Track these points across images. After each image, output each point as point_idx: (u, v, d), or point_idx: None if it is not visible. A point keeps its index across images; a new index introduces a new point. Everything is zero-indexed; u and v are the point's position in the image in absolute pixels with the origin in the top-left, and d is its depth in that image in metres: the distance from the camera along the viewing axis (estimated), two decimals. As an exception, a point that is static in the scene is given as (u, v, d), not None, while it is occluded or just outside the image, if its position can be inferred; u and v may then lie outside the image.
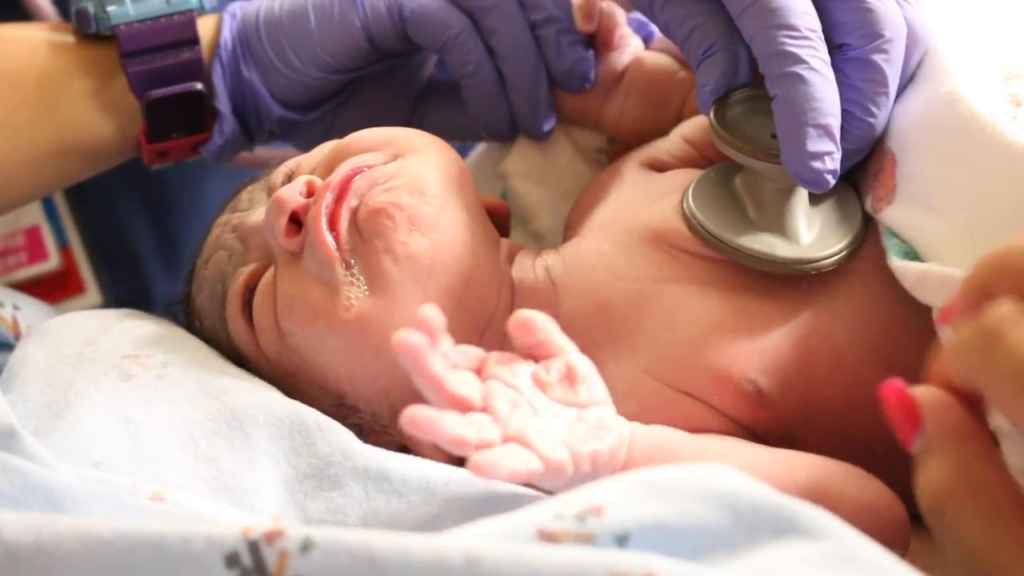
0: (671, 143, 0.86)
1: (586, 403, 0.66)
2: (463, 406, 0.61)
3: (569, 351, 0.67)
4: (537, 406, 0.64)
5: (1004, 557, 0.47)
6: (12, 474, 0.59)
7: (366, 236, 0.75)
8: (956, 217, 0.70)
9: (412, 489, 0.67)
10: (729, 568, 0.51)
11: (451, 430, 0.60)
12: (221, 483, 0.66)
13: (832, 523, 0.52)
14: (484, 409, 0.62)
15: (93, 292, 1.17)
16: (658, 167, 0.85)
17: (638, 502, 0.53)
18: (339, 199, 0.76)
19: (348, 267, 0.75)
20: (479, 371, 0.64)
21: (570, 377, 0.66)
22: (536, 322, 0.65)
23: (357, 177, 0.77)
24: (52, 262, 1.15)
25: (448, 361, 0.63)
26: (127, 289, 1.17)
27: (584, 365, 0.67)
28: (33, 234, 1.13)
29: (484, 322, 0.77)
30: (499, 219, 0.86)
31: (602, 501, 0.53)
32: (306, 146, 0.93)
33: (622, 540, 0.52)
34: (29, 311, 0.88)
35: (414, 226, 0.75)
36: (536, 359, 0.66)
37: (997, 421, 0.54)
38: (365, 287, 0.74)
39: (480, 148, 0.97)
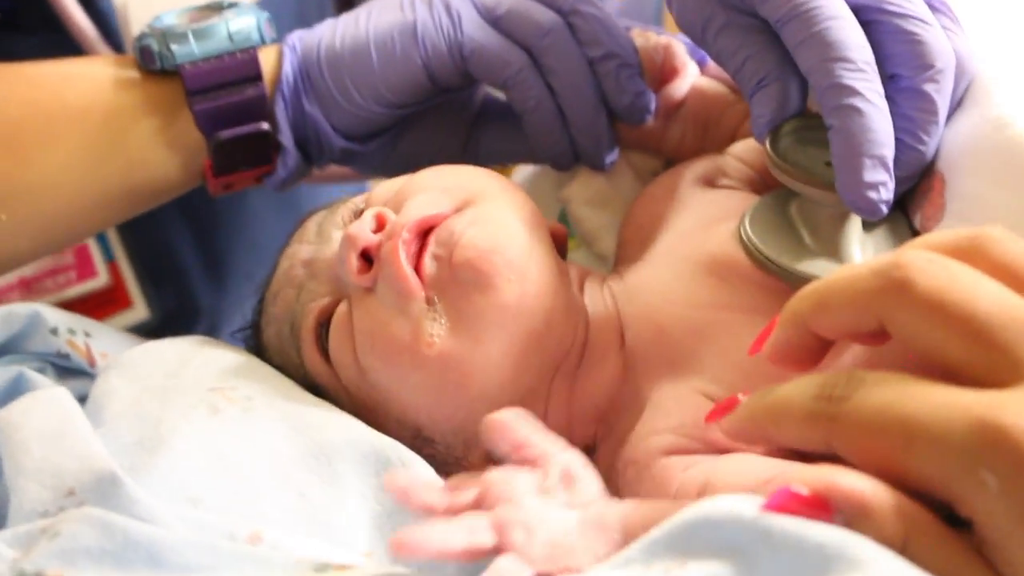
0: (728, 163, 0.88)
1: (587, 502, 0.62)
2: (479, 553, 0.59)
3: (556, 452, 0.64)
4: (548, 520, 0.60)
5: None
6: (113, 531, 0.61)
7: (460, 280, 0.75)
8: None
9: None
10: None
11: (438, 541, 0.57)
12: (315, 518, 0.67)
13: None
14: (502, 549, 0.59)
15: (140, 307, 1.19)
16: (714, 184, 0.87)
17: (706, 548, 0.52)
18: (423, 243, 0.77)
19: (430, 303, 0.76)
20: (482, 499, 0.61)
21: (566, 479, 0.63)
22: (509, 424, 0.63)
23: (442, 225, 0.77)
24: (101, 279, 1.17)
25: (451, 507, 0.60)
26: (173, 303, 1.20)
27: (574, 462, 0.64)
28: (82, 252, 1.16)
29: (560, 357, 0.79)
30: (558, 243, 0.87)
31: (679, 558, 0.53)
32: (365, 170, 0.95)
33: None
34: (99, 336, 0.89)
35: (505, 274, 0.75)
36: (522, 463, 0.63)
37: None
38: (445, 323, 0.75)
39: (537, 169, 0.99)
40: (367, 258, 0.78)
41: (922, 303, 0.53)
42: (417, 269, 0.76)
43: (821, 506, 0.51)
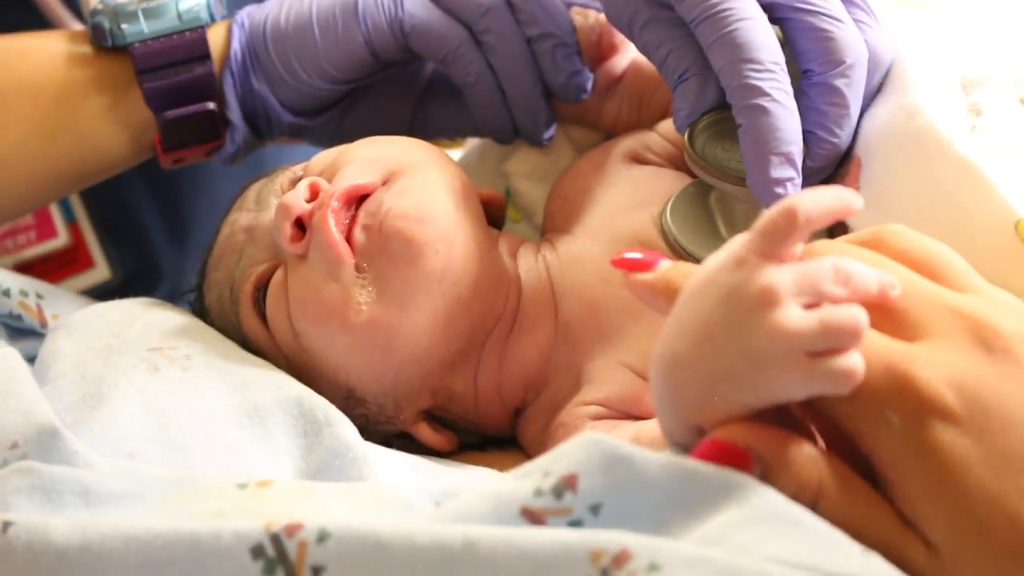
0: (654, 140, 0.91)
1: None
2: None
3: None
4: None
5: (877, 529, 0.53)
6: (41, 474, 0.63)
7: (389, 249, 0.79)
8: (910, 224, 0.73)
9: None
10: (688, 537, 0.54)
11: None
12: (246, 474, 0.69)
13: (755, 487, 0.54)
14: None
15: (102, 267, 1.21)
16: (640, 161, 0.90)
17: (607, 471, 0.56)
18: (355, 213, 0.80)
19: (360, 271, 0.79)
20: None
21: None
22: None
23: (371, 196, 0.80)
24: (61, 239, 1.19)
25: None
26: (134, 263, 1.22)
27: None
28: (41, 213, 1.17)
29: (492, 322, 0.83)
30: (496, 210, 0.91)
31: (574, 471, 0.56)
32: (315, 144, 0.97)
33: (595, 510, 0.55)
34: (52, 299, 0.92)
35: (433, 243, 0.79)
36: None
37: None
38: (372, 290, 0.79)
39: (482, 141, 1.01)
40: (301, 226, 0.81)
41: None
42: (348, 238, 0.80)
43: (742, 455, 0.55)
